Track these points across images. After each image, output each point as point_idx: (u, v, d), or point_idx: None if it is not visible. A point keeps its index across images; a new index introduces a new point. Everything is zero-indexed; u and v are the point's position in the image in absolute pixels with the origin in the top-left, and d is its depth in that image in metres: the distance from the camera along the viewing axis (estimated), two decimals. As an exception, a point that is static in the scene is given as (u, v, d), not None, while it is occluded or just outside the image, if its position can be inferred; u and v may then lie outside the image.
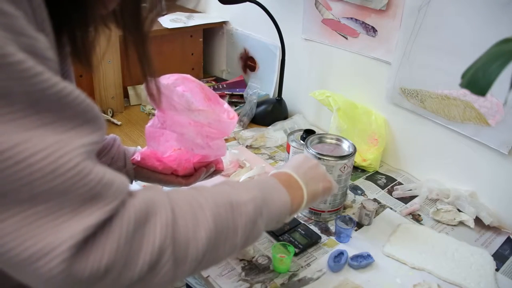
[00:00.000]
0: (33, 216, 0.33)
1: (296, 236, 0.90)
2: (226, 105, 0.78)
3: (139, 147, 0.85)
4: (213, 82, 1.62)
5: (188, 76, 0.75)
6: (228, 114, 0.77)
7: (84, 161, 0.36)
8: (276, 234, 0.90)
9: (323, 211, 0.96)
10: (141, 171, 0.80)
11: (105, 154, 0.77)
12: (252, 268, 0.83)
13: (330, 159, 0.89)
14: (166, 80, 0.72)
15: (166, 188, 0.52)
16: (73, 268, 0.34)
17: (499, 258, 0.89)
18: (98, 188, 0.36)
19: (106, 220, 0.37)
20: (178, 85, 0.73)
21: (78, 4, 0.45)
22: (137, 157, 0.79)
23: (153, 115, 1.39)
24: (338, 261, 0.84)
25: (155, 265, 0.39)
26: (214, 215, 0.45)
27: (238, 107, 1.47)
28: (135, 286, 0.39)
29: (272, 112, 1.41)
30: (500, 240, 0.95)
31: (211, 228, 0.44)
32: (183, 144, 0.75)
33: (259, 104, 1.43)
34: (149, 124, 0.76)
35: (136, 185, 0.86)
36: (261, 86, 1.46)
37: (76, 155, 0.35)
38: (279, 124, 1.37)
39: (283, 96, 1.43)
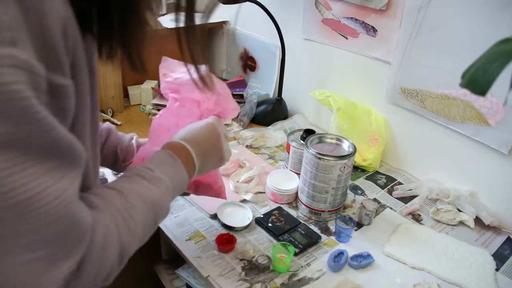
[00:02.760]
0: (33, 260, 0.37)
1: (296, 236, 0.90)
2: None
3: (135, 136, 0.84)
4: (213, 82, 1.62)
5: None
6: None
7: (76, 207, 0.41)
8: (276, 234, 0.90)
9: (323, 211, 0.96)
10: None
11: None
12: (252, 268, 0.83)
13: (330, 159, 0.89)
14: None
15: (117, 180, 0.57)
16: None
17: (499, 258, 0.89)
18: (82, 229, 0.42)
19: (84, 254, 0.42)
20: None
21: (129, 16, 0.46)
22: (138, 158, 0.79)
23: (153, 115, 1.39)
24: (338, 261, 0.84)
25: (120, 261, 0.49)
26: (143, 222, 0.53)
27: (238, 107, 1.47)
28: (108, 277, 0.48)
29: (272, 112, 1.41)
30: (500, 240, 0.95)
31: (139, 236, 0.53)
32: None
33: (259, 104, 1.43)
34: (156, 116, 0.78)
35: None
36: (261, 86, 1.46)
37: (72, 204, 0.40)
38: (279, 124, 1.37)
39: (283, 96, 1.43)
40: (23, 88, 0.32)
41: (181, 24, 0.50)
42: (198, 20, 0.50)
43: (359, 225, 0.97)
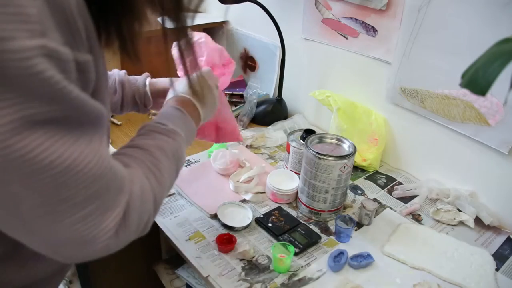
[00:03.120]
0: (88, 214, 0.42)
1: (296, 236, 0.90)
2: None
3: (147, 81, 0.85)
4: (213, 82, 1.62)
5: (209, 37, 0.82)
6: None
7: (111, 161, 0.44)
8: (276, 234, 0.90)
9: (323, 211, 0.96)
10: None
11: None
12: (252, 268, 0.83)
13: (330, 159, 0.89)
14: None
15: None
16: (116, 237, 0.46)
17: (499, 258, 0.89)
18: (121, 180, 0.46)
19: (127, 204, 0.47)
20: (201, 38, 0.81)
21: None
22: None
23: (154, 115, 1.39)
24: (338, 261, 0.84)
25: (155, 209, 0.55)
26: (169, 173, 0.59)
27: (238, 107, 1.47)
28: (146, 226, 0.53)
29: (272, 112, 1.41)
30: (500, 240, 0.95)
31: (167, 186, 0.59)
32: None
33: (259, 104, 1.43)
34: None
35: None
36: (261, 86, 1.46)
37: (107, 159, 0.43)
38: (279, 124, 1.37)
39: (283, 96, 1.43)
40: (55, 73, 0.36)
41: (169, 25, 0.51)
42: (188, 20, 0.51)
43: (359, 225, 0.97)
